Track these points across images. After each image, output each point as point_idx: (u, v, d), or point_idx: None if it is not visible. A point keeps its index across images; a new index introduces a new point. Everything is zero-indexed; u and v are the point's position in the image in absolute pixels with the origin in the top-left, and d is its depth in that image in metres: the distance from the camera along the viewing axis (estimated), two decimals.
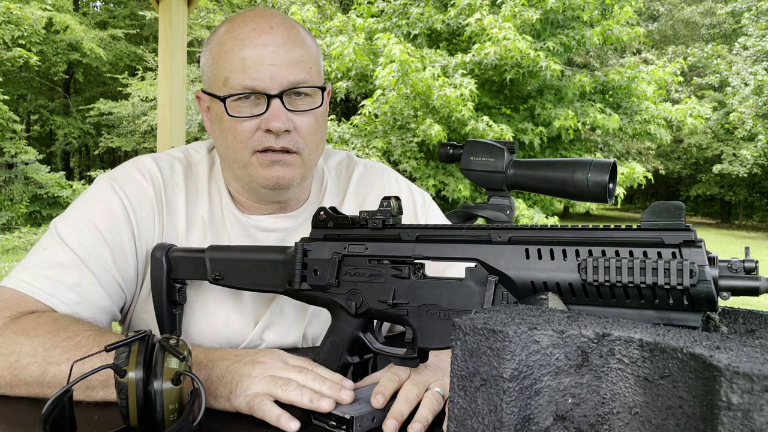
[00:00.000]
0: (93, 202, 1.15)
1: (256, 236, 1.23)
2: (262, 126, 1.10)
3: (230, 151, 1.14)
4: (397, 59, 10.88)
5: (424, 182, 11.76)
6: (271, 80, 1.08)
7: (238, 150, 1.12)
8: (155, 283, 1.15)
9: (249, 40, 1.09)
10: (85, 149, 21.80)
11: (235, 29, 1.11)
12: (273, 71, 1.08)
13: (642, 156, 19.88)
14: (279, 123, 1.08)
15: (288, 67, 1.09)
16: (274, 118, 1.08)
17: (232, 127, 1.11)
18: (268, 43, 1.09)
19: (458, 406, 0.62)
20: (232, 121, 1.10)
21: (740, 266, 0.65)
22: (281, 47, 1.10)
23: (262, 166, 1.12)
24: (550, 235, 0.75)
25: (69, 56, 17.29)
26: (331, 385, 0.90)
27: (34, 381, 0.94)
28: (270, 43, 1.09)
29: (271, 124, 1.08)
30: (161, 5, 3.34)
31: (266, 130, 1.09)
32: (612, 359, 0.58)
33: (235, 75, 1.08)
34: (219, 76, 1.11)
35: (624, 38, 13.36)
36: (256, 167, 1.13)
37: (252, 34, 1.09)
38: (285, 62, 1.09)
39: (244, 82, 1.08)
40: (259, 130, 1.10)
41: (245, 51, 1.08)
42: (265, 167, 1.12)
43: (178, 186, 1.21)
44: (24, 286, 1.05)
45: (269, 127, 1.09)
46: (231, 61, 1.09)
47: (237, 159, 1.13)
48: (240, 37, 1.10)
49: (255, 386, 0.88)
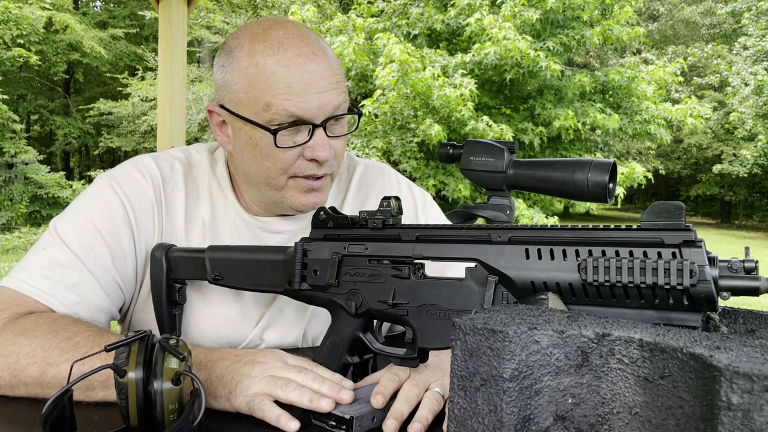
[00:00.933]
0: (92, 202, 1.15)
1: (262, 237, 1.23)
2: (305, 154, 1.09)
3: (264, 176, 1.11)
4: (397, 59, 10.88)
5: (424, 182, 11.76)
6: (318, 109, 1.06)
7: (275, 176, 1.10)
8: (155, 283, 1.15)
9: (296, 66, 1.05)
10: (85, 149, 21.80)
11: (275, 52, 1.06)
12: (320, 100, 1.06)
13: (642, 156, 19.88)
14: (325, 153, 1.08)
15: (330, 94, 1.08)
16: (321, 149, 1.08)
17: (272, 154, 1.08)
18: (314, 71, 1.06)
19: (458, 406, 0.62)
20: (274, 150, 1.07)
21: (740, 266, 0.65)
22: (325, 74, 1.07)
23: (299, 191, 1.12)
24: (550, 235, 0.75)
25: (69, 56, 17.29)
26: (331, 385, 0.90)
27: (34, 382, 0.94)
28: (316, 71, 1.06)
29: (317, 155, 1.08)
30: (161, 5, 3.34)
31: (311, 159, 1.09)
32: (612, 359, 0.58)
33: (280, 102, 1.04)
34: (257, 100, 1.06)
35: (624, 38, 13.36)
36: (292, 191, 1.12)
37: (297, 60, 1.06)
38: (328, 89, 1.07)
39: (290, 110, 1.05)
40: (300, 157, 1.09)
41: (292, 79, 1.04)
42: (302, 193, 1.12)
43: (178, 186, 1.21)
44: (23, 286, 1.05)
45: (315, 157, 1.08)
46: (275, 86, 1.05)
47: (272, 183, 1.12)
48: (285, 62, 1.05)
49: (254, 386, 0.88)
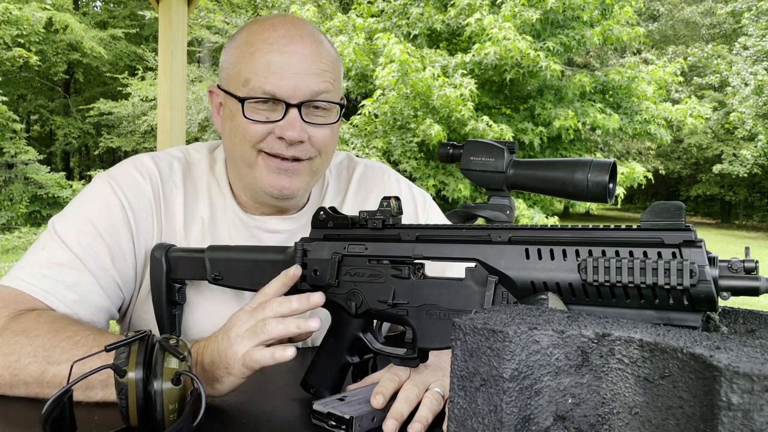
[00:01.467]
0: (91, 201, 1.15)
1: (259, 237, 1.23)
2: (275, 132, 1.10)
3: (237, 149, 1.13)
4: (397, 59, 10.88)
5: (424, 182, 11.76)
6: (294, 89, 1.08)
7: (245, 149, 1.12)
8: (155, 283, 1.15)
9: (277, 46, 1.08)
10: (85, 149, 21.80)
11: (264, 32, 1.10)
12: (296, 81, 1.08)
13: (642, 156, 19.88)
14: (293, 133, 1.08)
15: (311, 78, 1.09)
16: (290, 128, 1.08)
17: (244, 126, 1.10)
18: (296, 52, 1.09)
19: (458, 406, 0.62)
20: (245, 122, 1.10)
21: (740, 266, 0.65)
22: (308, 57, 1.09)
23: (268, 170, 1.12)
24: (550, 235, 0.75)
25: (69, 56, 17.29)
26: (299, 298, 0.90)
27: (34, 381, 0.94)
28: (298, 52, 1.09)
29: (285, 133, 1.09)
30: (161, 5, 3.34)
31: (279, 137, 1.09)
32: (612, 359, 0.58)
33: (258, 78, 1.08)
34: (240, 76, 1.10)
35: (624, 38, 13.36)
36: (262, 169, 1.13)
37: (281, 40, 1.09)
38: (309, 72, 1.09)
39: (265, 87, 1.07)
40: (271, 134, 1.10)
41: (272, 56, 1.08)
42: (271, 172, 1.12)
43: (176, 186, 1.21)
44: (22, 284, 1.05)
45: (283, 135, 1.09)
46: (255, 63, 1.08)
47: (244, 157, 1.13)
48: (268, 41, 1.09)
49: (240, 347, 0.88)
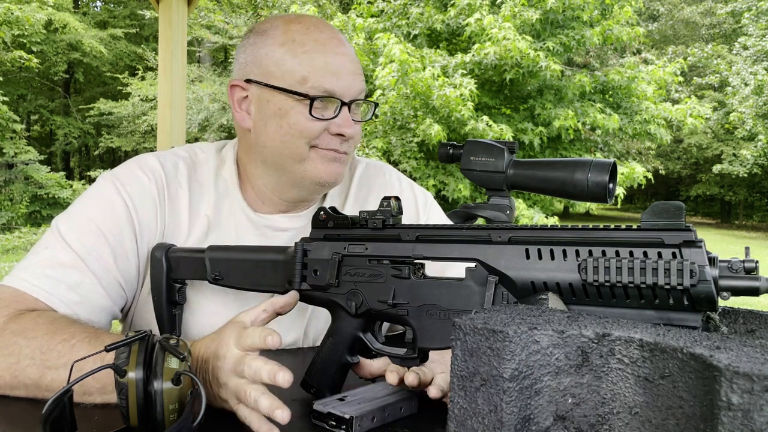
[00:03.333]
0: (95, 201, 1.15)
1: (268, 235, 1.23)
2: (330, 129, 1.14)
3: (288, 146, 1.14)
4: (397, 59, 10.88)
5: (424, 182, 11.76)
6: (348, 88, 1.14)
7: (299, 145, 1.14)
8: (155, 283, 1.15)
9: (331, 47, 1.14)
10: (85, 149, 21.80)
11: (311, 33, 1.14)
12: (349, 81, 1.14)
13: (642, 156, 19.87)
14: (351, 130, 1.15)
15: (357, 78, 1.16)
16: (348, 125, 1.14)
17: (301, 123, 1.12)
18: (346, 54, 1.15)
19: (458, 406, 0.62)
20: (304, 118, 1.12)
21: (740, 266, 0.65)
22: (353, 59, 1.17)
23: (322, 160, 1.16)
24: (550, 235, 0.75)
25: (69, 56, 17.29)
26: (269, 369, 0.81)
27: (33, 384, 0.94)
28: (347, 54, 1.16)
29: (344, 130, 1.14)
30: (161, 5, 3.34)
31: (336, 134, 1.14)
32: (612, 359, 0.58)
33: (316, 77, 1.11)
34: (294, 73, 1.12)
35: (624, 38, 13.35)
36: (315, 162, 1.15)
37: (332, 41, 1.15)
38: (356, 73, 1.16)
39: (326, 85, 1.11)
40: (325, 132, 1.14)
41: (328, 56, 1.13)
42: (326, 162, 1.16)
43: (181, 185, 1.21)
44: (24, 284, 1.05)
45: (342, 132, 1.14)
46: (313, 62, 1.12)
47: (295, 153, 1.15)
48: (320, 42, 1.13)
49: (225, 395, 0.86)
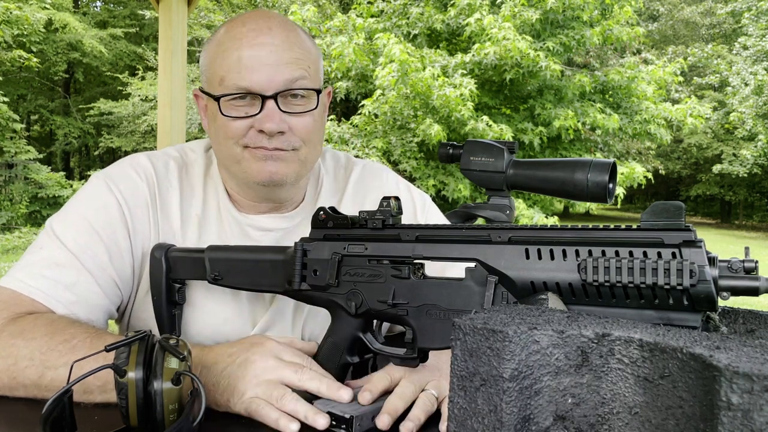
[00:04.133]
0: (88, 201, 1.16)
1: (252, 235, 1.23)
2: (255, 126, 1.09)
3: (223, 148, 1.14)
4: (397, 59, 10.88)
5: (424, 182, 11.76)
6: (268, 82, 1.08)
7: (230, 146, 1.12)
8: (154, 283, 1.15)
9: (246, 40, 1.09)
10: (85, 149, 21.79)
11: (233, 29, 1.11)
12: (269, 72, 1.08)
13: (642, 156, 19.87)
14: (272, 124, 1.08)
15: (284, 68, 1.09)
16: (268, 119, 1.08)
17: (224, 124, 1.11)
18: (265, 44, 1.09)
19: (458, 406, 0.62)
20: (225, 120, 1.10)
21: (740, 266, 0.65)
22: (278, 47, 1.09)
23: (255, 159, 1.12)
24: (550, 235, 0.75)
25: (69, 56, 17.28)
26: (329, 384, 0.90)
27: (32, 384, 0.94)
28: (267, 44, 1.09)
29: (264, 125, 1.08)
30: (161, 5, 3.34)
31: (259, 130, 1.09)
32: (612, 359, 0.58)
33: (231, 75, 1.08)
34: (215, 75, 1.11)
35: (624, 38, 13.36)
36: (249, 161, 1.12)
37: (250, 34, 1.09)
38: (281, 62, 1.09)
39: (239, 83, 1.08)
40: (252, 129, 1.10)
41: (242, 51, 1.08)
42: (258, 161, 1.11)
43: (172, 185, 1.21)
44: (21, 285, 1.05)
45: (262, 128, 1.08)
46: (227, 60, 1.09)
47: (230, 155, 1.14)
48: (237, 37, 1.09)
49: (250, 391, 0.88)
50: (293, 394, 0.88)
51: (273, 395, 0.88)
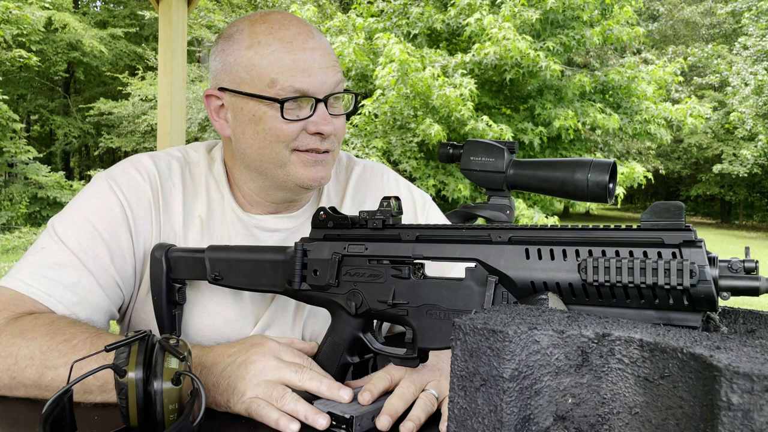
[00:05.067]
0: (90, 201, 1.15)
1: (258, 236, 1.23)
2: (308, 129, 1.10)
3: (267, 151, 1.12)
4: (397, 59, 10.88)
5: (424, 182, 11.76)
6: (321, 84, 1.10)
7: (278, 150, 1.11)
8: (155, 283, 1.15)
9: (298, 44, 1.09)
10: (85, 149, 21.79)
11: (276, 31, 1.10)
12: (321, 76, 1.10)
13: (642, 156, 19.88)
14: (329, 127, 1.10)
15: (330, 72, 1.11)
16: (324, 123, 1.10)
17: (276, 127, 1.09)
18: (315, 48, 1.10)
19: (458, 406, 0.62)
20: (279, 122, 1.09)
21: (740, 266, 0.65)
22: (325, 52, 1.12)
23: (304, 165, 1.13)
24: (550, 235, 0.75)
25: (69, 55, 17.28)
26: (330, 384, 0.90)
27: (32, 384, 0.94)
28: (317, 48, 1.11)
29: (321, 128, 1.10)
30: (161, 5, 3.34)
31: (314, 133, 1.10)
32: (612, 359, 0.58)
33: (286, 77, 1.07)
34: (262, 77, 1.08)
35: (624, 38, 13.35)
36: (296, 166, 1.13)
37: (299, 37, 1.10)
38: (328, 66, 1.11)
39: (296, 85, 1.08)
40: (303, 131, 1.11)
41: (296, 54, 1.08)
42: (308, 166, 1.13)
43: (175, 185, 1.21)
44: (22, 286, 1.05)
45: (320, 131, 1.10)
46: (280, 62, 1.08)
47: (275, 158, 1.12)
48: (287, 40, 1.09)
49: (250, 391, 0.88)
50: (293, 395, 0.88)
51: (273, 395, 0.88)
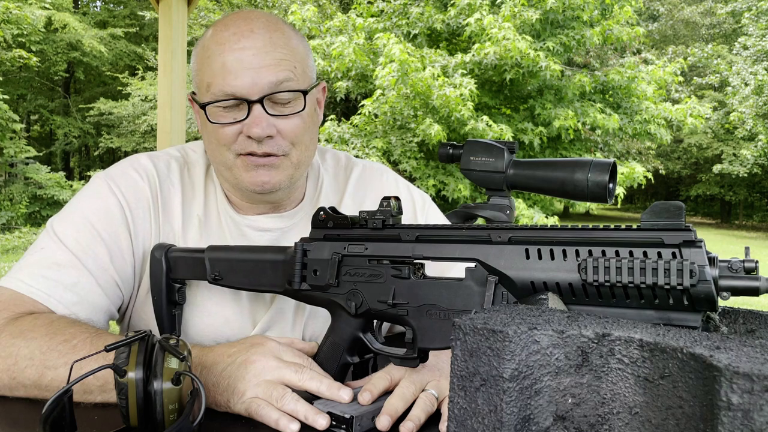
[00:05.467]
0: (89, 201, 1.16)
1: (250, 236, 1.23)
2: (244, 131, 1.09)
3: (215, 154, 1.14)
4: (397, 59, 10.88)
5: (424, 182, 11.76)
6: (252, 86, 1.06)
7: (221, 153, 1.12)
8: (155, 283, 1.15)
9: (228, 45, 1.07)
10: (85, 149, 21.79)
11: (216, 33, 1.10)
12: (252, 76, 1.06)
13: (642, 156, 19.88)
14: (259, 129, 1.07)
15: (267, 70, 1.07)
16: (255, 125, 1.07)
17: (214, 131, 1.11)
18: (247, 47, 1.07)
19: (458, 406, 0.62)
20: (214, 127, 1.10)
21: (740, 266, 0.65)
22: (261, 50, 1.07)
23: (246, 169, 1.12)
24: (550, 235, 0.75)
25: (69, 55, 17.28)
26: (330, 384, 0.90)
27: (32, 384, 0.94)
28: (250, 47, 1.07)
29: (251, 131, 1.07)
30: (161, 5, 3.34)
31: (248, 136, 1.08)
32: (612, 359, 0.58)
33: (216, 81, 1.07)
34: (202, 82, 1.11)
35: (624, 38, 13.35)
36: (240, 169, 1.12)
37: (232, 38, 1.08)
38: (264, 65, 1.07)
39: (224, 89, 1.07)
40: (241, 134, 1.09)
41: (225, 56, 1.07)
42: (249, 170, 1.11)
43: (174, 185, 1.21)
44: (22, 286, 1.05)
45: (250, 134, 1.08)
46: (212, 66, 1.08)
47: (222, 161, 1.14)
48: (220, 42, 1.08)
49: (250, 391, 0.88)
50: (293, 395, 0.88)
51: (273, 395, 0.88)
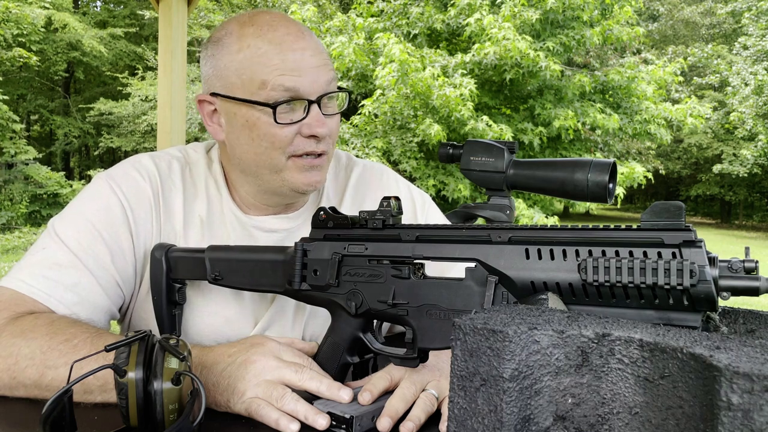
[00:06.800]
0: (91, 201, 1.15)
1: (256, 236, 1.23)
2: (302, 131, 1.09)
3: (263, 158, 1.11)
4: (397, 59, 10.88)
5: (424, 182, 11.76)
6: (312, 84, 1.08)
7: (274, 156, 1.10)
8: (155, 283, 1.15)
9: (287, 44, 1.07)
10: (85, 149, 21.79)
11: (265, 33, 1.08)
12: (313, 75, 1.08)
13: (642, 156, 19.88)
14: (323, 129, 1.08)
15: (322, 71, 1.09)
16: (319, 125, 1.08)
17: (270, 132, 1.08)
18: (305, 48, 1.08)
19: (458, 406, 0.62)
20: (272, 127, 1.07)
21: (740, 266, 0.65)
22: (315, 51, 1.10)
23: (299, 170, 1.11)
24: (550, 235, 0.75)
25: (69, 55, 17.28)
26: (330, 384, 0.90)
27: (33, 384, 0.94)
28: (307, 48, 1.09)
29: (316, 131, 1.08)
30: (161, 5, 3.34)
31: (309, 135, 1.09)
32: (612, 359, 0.58)
33: (275, 78, 1.05)
34: (252, 80, 1.07)
35: (624, 38, 13.36)
36: (292, 172, 1.12)
37: (288, 38, 1.08)
38: (319, 65, 1.09)
39: (286, 84, 1.06)
40: (298, 135, 1.09)
41: (285, 54, 1.06)
42: (303, 172, 1.12)
43: (175, 185, 1.21)
44: (22, 286, 1.05)
45: (314, 133, 1.08)
46: (269, 64, 1.06)
47: (271, 165, 1.11)
48: (275, 41, 1.07)
49: (250, 391, 0.88)
50: (293, 395, 0.88)
51: (273, 395, 0.88)
